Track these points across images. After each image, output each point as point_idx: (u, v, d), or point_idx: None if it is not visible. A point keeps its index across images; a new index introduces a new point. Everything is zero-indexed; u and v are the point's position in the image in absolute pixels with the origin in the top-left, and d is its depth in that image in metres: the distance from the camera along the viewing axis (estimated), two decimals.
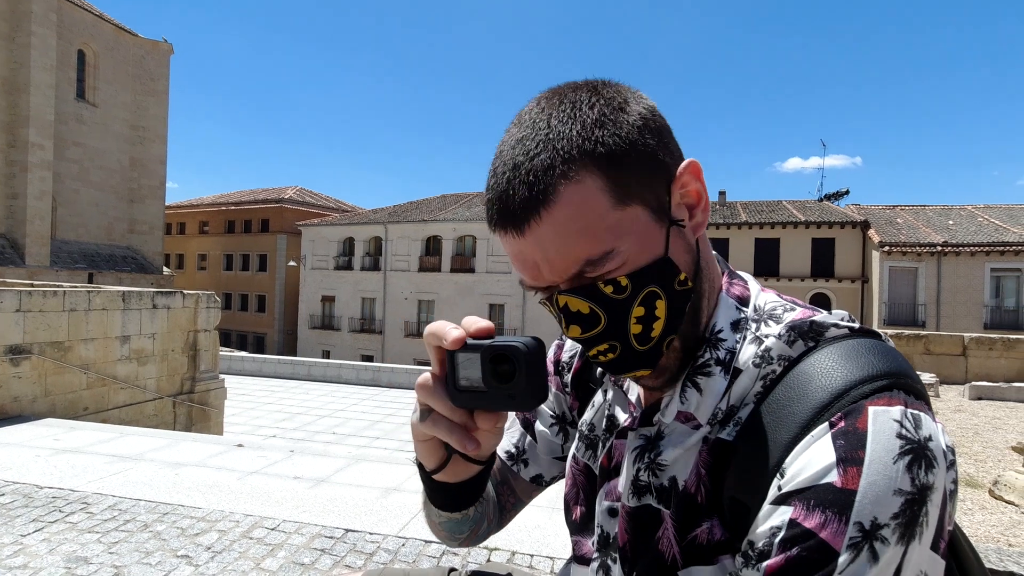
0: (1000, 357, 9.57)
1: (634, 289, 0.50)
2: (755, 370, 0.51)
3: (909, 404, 0.43)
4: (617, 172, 0.48)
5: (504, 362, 0.47)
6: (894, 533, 0.40)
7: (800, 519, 0.42)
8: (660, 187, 0.51)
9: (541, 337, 0.50)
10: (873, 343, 0.48)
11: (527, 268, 0.51)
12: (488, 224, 0.53)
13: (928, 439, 0.42)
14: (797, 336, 0.50)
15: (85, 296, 6.74)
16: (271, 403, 13.19)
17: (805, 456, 0.43)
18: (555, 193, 0.47)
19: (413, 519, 3.04)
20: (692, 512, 0.51)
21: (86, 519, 2.93)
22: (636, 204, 0.49)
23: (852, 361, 0.46)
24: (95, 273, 23.04)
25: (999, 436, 5.67)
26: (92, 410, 6.72)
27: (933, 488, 0.41)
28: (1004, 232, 19.94)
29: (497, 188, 0.50)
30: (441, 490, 0.61)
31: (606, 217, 0.48)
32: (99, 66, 24.70)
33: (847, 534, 0.40)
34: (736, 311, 0.55)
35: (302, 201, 35.56)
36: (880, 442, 0.41)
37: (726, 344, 0.54)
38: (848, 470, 0.41)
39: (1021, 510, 3.62)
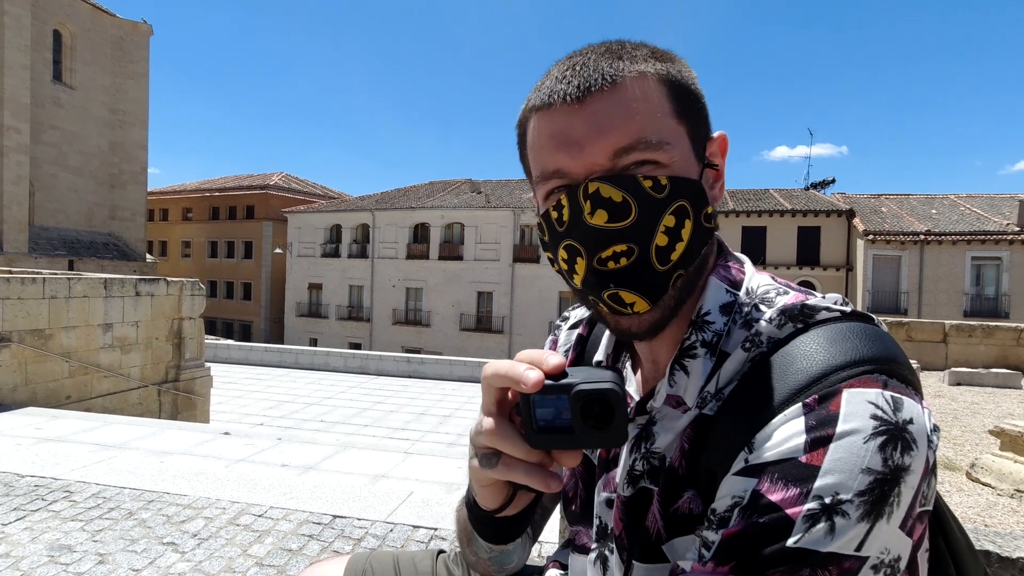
0: (979, 344, 9.76)
1: (672, 193, 0.49)
2: (744, 354, 0.50)
3: (889, 387, 0.43)
4: (676, 94, 0.51)
5: (597, 405, 0.45)
6: (857, 510, 0.40)
7: (763, 490, 0.42)
8: (703, 129, 0.53)
9: (530, 323, 0.48)
10: (862, 327, 0.48)
11: (570, 148, 0.50)
12: (537, 104, 0.52)
13: (908, 422, 0.42)
14: (787, 319, 0.50)
15: (66, 283, 6.61)
16: (258, 391, 13.11)
17: (775, 433, 0.43)
18: (623, 77, 0.50)
19: (401, 505, 3.04)
20: (675, 485, 0.52)
21: (69, 507, 2.90)
22: (686, 127, 0.52)
23: (836, 345, 0.46)
24: (75, 260, 22.62)
25: (977, 420, 5.80)
26: (75, 399, 6.63)
27: (909, 470, 0.41)
28: (985, 221, 20.26)
29: (558, 70, 0.52)
30: (497, 525, 0.58)
31: (665, 116, 0.50)
32: (76, 47, 24.05)
33: (805, 505, 0.40)
34: (726, 294, 0.54)
35: (288, 188, 35.11)
36: (851, 422, 0.41)
37: (713, 327, 0.53)
38: (815, 447, 0.41)
39: (997, 492, 3.71)
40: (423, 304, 27.15)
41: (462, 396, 13.56)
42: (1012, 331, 9.75)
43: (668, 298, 0.52)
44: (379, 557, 0.82)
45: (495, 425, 0.49)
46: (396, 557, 0.82)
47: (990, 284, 19.34)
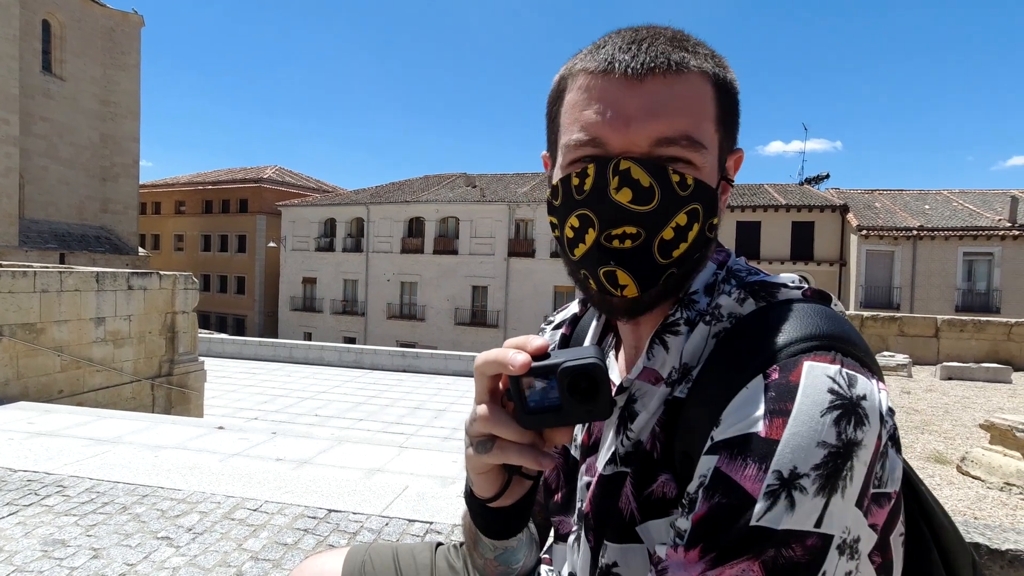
0: (971, 339, 9.84)
1: (693, 194, 0.51)
2: (705, 328, 0.52)
3: (845, 365, 0.44)
4: (723, 101, 0.53)
5: (583, 380, 0.47)
6: (814, 483, 0.40)
7: (723, 468, 0.42)
8: (730, 144, 0.56)
9: (524, 317, 0.49)
10: (821, 308, 0.49)
11: (616, 120, 0.50)
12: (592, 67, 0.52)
13: (861, 397, 0.42)
14: (748, 295, 0.51)
15: (57, 277, 6.56)
16: (252, 385, 13.08)
17: (738, 407, 0.44)
18: (688, 70, 0.51)
19: (396, 499, 3.05)
20: (648, 468, 0.52)
21: (63, 502, 2.88)
22: (720, 135, 0.54)
23: (797, 320, 0.47)
24: (67, 253, 22.43)
25: (968, 414, 5.86)
26: (67, 393, 6.59)
27: (861, 445, 0.41)
28: (977, 217, 20.40)
29: (622, 40, 0.52)
30: (496, 517, 0.59)
31: (710, 120, 0.52)
32: (66, 38, 23.75)
33: (765, 481, 0.40)
34: (711, 275, 0.57)
35: (282, 181, 34.90)
36: (810, 395, 0.42)
37: (698, 305, 0.54)
38: (774, 420, 0.42)
39: (987, 485, 3.75)
40: (418, 298, 27.10)
41: (457, 390, 13.57)
42: (1003, 326, 9.83)
43: (655, 292, 0.53)
44: (378, 549, 0.82)
45: (488, 411, 0.50)
46: (395, 549, 0.82)
47: (982, 279, 19.50)
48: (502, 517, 0.59)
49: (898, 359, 8.73)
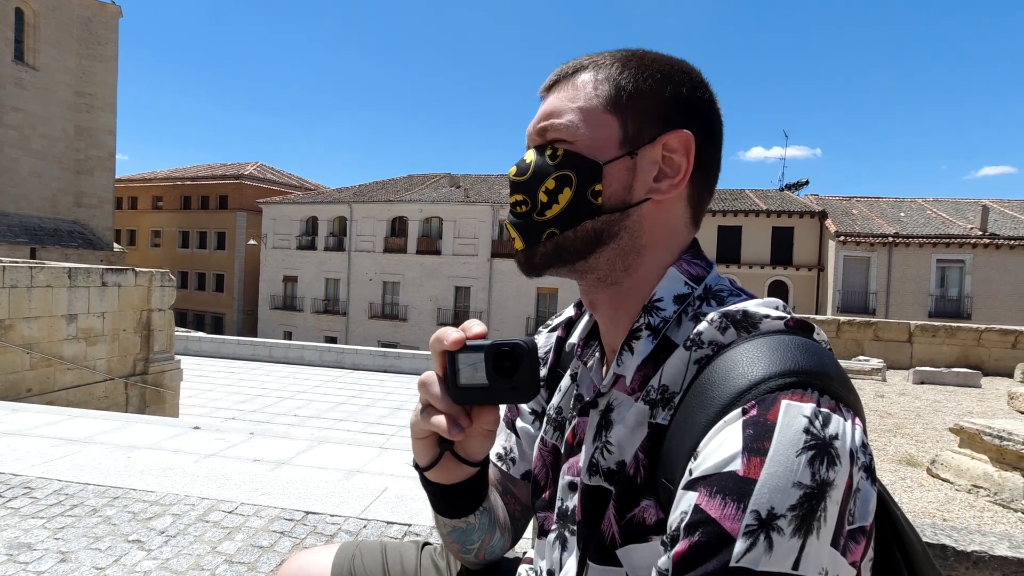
0: (943, 344, 10.09)
1: (561, 163, 0.58)
2: (686, 353, 0.53)
3: (822, 404, 0.44)
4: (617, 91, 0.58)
5: (507, 359, 0.52)
6: (790, 524, 0.40)
7: (703, 505, 0.43)
8: (649, 127, 0.58)
9: (507, 318, 0.52)
10: (802, 341, 0.49)
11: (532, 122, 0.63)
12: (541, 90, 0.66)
13: (833, 437, 0.43)
14: (729, 323, 0.51)
15: (27, 272, 6.39)
16: (230, 385, 12.88)
17: (716, 441, 0.45)
18: (575, 74, 0.61)
19: (375, 501, 3.02)
20: (631, 492, 0.53)
21: (29, 504, 2.81)
22: (617, 118, 0.58)
23: (776, 354, 0.47)
24: (38, 248, 21.84)
25: (939, 418, 6.00)
26: (36, 392, 6.42)
27: (833, 485, 0.42)
28: (950, 225, 20.94)
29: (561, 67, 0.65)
30: (440, 495, 0.64)
31: (593, 105, 0.58)
32: (40, 26, 23.14)
33: (744, 521, 0.41)
34: (684, 286, 0.58)
35: (263, 178, 34.43)
36: (786, 435, 0.42)
37: (663, 313, 0.56)
38: (752, 459, 0.42)
39: (955, 487, 3.85)
40: (400, 298, 26.94)
41: None
42: (973, 332, 10.10)
43: (541, 249, 0.60)
44: (367, 546, 0.84)
45: (428, 380, 0.57)
46: (384, 546, 0.84)
47: (954, 286, 20.01)
48: (442, 495, 0.64)
49: (873, 363, 8.92)
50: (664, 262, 0.59)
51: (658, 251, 0.59)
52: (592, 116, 0.58)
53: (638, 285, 0.59)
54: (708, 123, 0.59)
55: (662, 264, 0.59)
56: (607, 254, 0.59)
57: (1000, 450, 3.75)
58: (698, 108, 0.59)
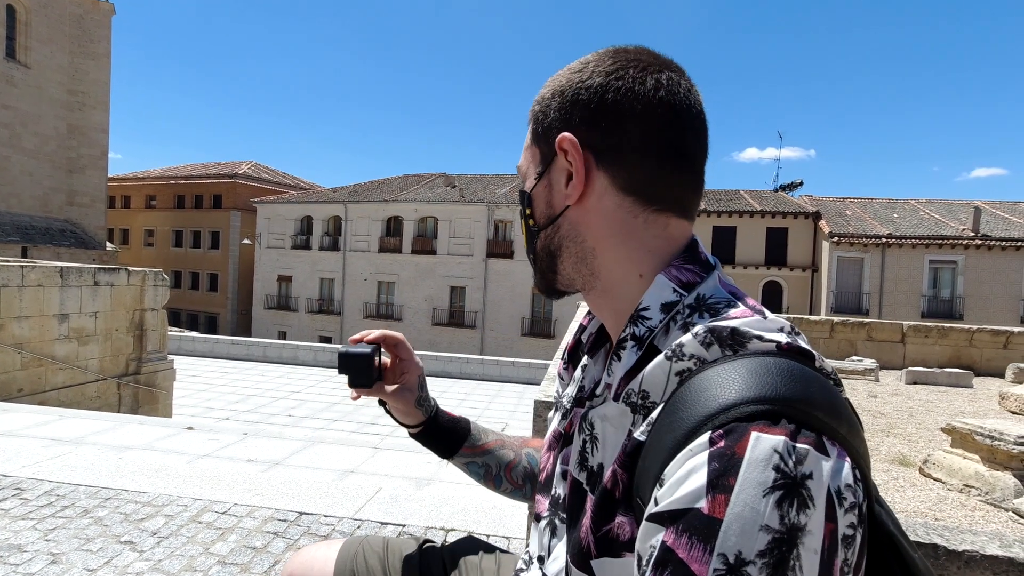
0: (935, 344, 10.16)
1: (519, 202, 0.66)
2: (667, 363, 0.50)
3: (798, 438, 0.41)
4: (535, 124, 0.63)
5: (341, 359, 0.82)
6: (761, 571, 0.38)
7: (670, 542, 0.41)
8: (551, 142, 0.60)
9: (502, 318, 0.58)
10: (790, 365, 0.45)
11: None
12: None
13: (807, 476, 0.40)
14: (714, 340, 0.48)
15: (18, 271, 6.33)
16: (224, 385, 12.82)
17: (681, 472, 0.42)
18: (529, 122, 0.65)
19: (369, 501, 3.01)
20: (608, 506, 0.52)
21: (20, 505, 2.78)
22: (537, 146, 0.63)
23: (755, 378, 0.44)
24: (29, 247, 21.67)
25: (931, 418, 6.04)
26: (27, 391, 6.37)
27: (804, 531, 0.39)
28: (943, 226, 21.08)
29: None
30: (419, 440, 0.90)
31: (527, 143, 0.65)
32: (31, 23, 22.94)
33: (712, 565, 0.39)
34: (672, 293, 0.54)
35: (257, 177, 34.28)
36: (752, 472, 0.40)
37: (649, 322, 0.54)
38: (716, 497, 0.40)
39: (947, 487, 3.87)
40: (395, 298, 26.88)
41: (433, 391, 13.42)
42: (965, 332, 10.17)
43: (536, 273, 0.67)
44: (371, 542, 0.88)
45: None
46: (387, 543, 0.88)
47: (946, 287, 20.15)
48: (422, 441, 0.89)
49: (866, 363, 8.97)
50: (631, 256, 0.57)
51: (613, 247, 0.58)
52: (526, 153, 0.65)
53: (614, 284, 0.59)
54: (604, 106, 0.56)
55: (628, 259, 0.57)
56: (567, 264, 0.62)
57: (991, 450, 3.78)
58: (586, 99, 0.57)
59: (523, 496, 0.89)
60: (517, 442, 0.91)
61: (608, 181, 0.57)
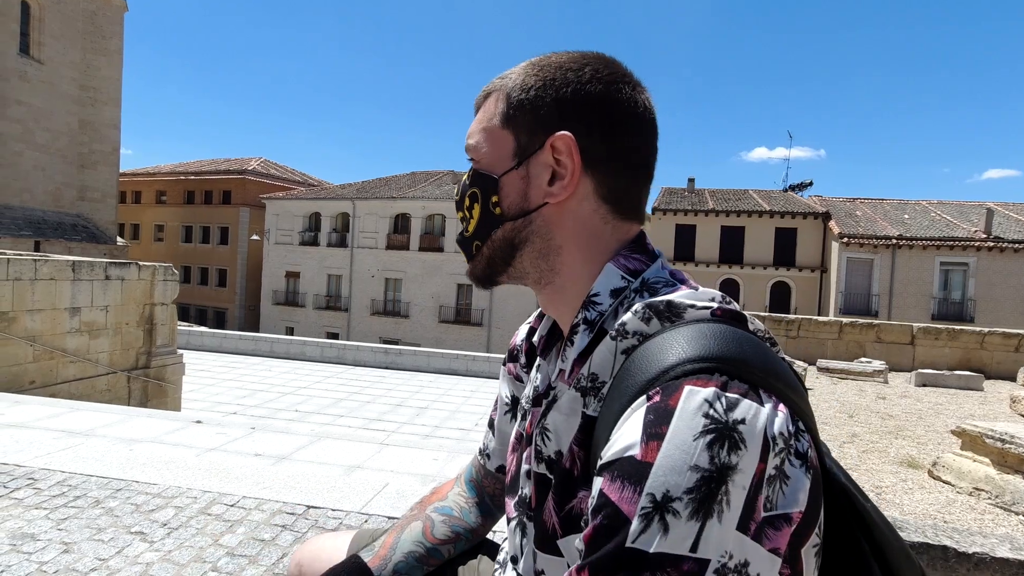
0: (945, 346, 10.07)
1: (470, 183, 0.64)
2: (612, 342, 0.53)
3: (729, 388, 0.44)
4: (510, 106, 0.61)
5: None
6: (687, 507, 0.40)
7: (605, 489, 0.44)
8: (538, 135, 0.60)
9: (508, 316, 0.58)
10: (724, 328, 0.49)
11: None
12: None
13: (739, 421, 0.42)
14: (652, 314, 0.52)
15: (31, 265, 6.41)
16: (232, 380, 12.92)
17: (622, 429, 0.45)
18: (489, 94, 0.65)
19: (376, 496, 3.03)
20: (569, 484, 0.54)
21: (33, 495, 2.82)
22: (511, 132, 0.61)
23: (691, 342, 0.47)
24: (42, 241, 21.89)
25: (940, 421, 5.99)
26: (39, 384, 6.44)
27: (736, 469, 0.41)
28: (954, 228, 20.87)
29: None
30: None
31: (493, 124, 0.63)
32: (45, 19, 23.15)
33: (639, 504, 0.41)
34: (620, 280, 0.58)
35: (266, 173, 34.46)
36: (684, 419, 0.42)
37: (599, 307, 0.57)
38: (649, 444, 0.43)
39: (956, 489, 3.84)
40: (402, 295, 26.96)
41: (439, 388, 13.54)
42: (976, 335, 10.07)
43: (477, 261, 0.65)
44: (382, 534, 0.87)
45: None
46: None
47: (957, 289, 19.95)
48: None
49: (875, 365, 8.90)
50: (593, 258, 0.60)
51: (578, 249, 0.60)
52: (492, 134, 0.62)
53: (572, 282, 0.60)
54: (603, 115, 0.58)
55: (590, 260, 0.60)
56: (527, 258, 0.62)
57: (1002, 453, 3.74)
58: (586, 104, 0.58)
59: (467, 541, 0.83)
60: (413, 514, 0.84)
61: (591, 188, 0.59)
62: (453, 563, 0.83)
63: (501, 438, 0.81)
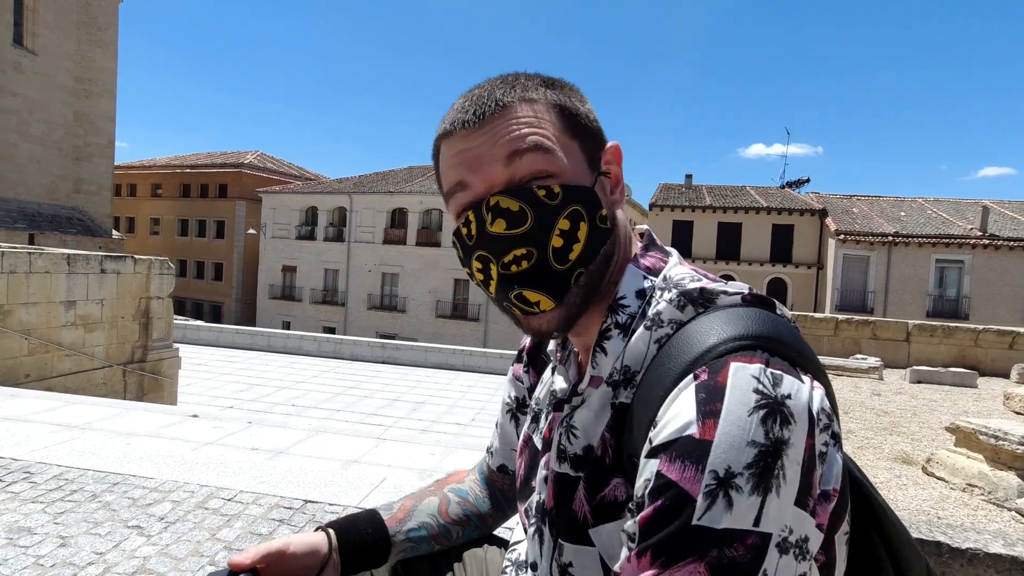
0: (940, 344, 10.12)
1: (564, 200, 0.54)
2: (647, 333, 0.54)
3: (771, 364, 0.45)
4: (565, 116, 0.57)
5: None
6: (748, 482, 0.41)
7: (664, 470, 0.44)
8: (594, 144, 0.59)
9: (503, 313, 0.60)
10: (757, 311, 0.50)
11: (470, 160, 0.56)
12: (442, 132, 0.58)
13: (786, 396, 0.43)
14: (687, 302, 0.53)
15: (26, 258, 6.37)
16: (228, 374, 12.90)
17: (672, 409, 0.46)
18: (513, 101, 0.56)
19: (374, 490, 3.03)
20: (601, 473, 0.55)
21: (29, 489, 2.82)
22: (578, 143, 0.57)
23: (730, 324, 0.49)
24: (36, 234, 21.77)
25: (934, 417, 6.03)
26: (35, 377, 6.42)
27: (788, 444, 0.42)
28: (950, 225, 20.93)
29: (459, 102, 0.58)
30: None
31: (556, 132, 0.56)
32: (39, 10, 22.94)
33: (703, 482, 0.42)
34: (643, 280, 0.58)
35: (263, 167, 34.29)
36: (736, 395, 0.43)
37: (628, 310, 0.57)
38: (706, 422, 0.43)
39: (950, 486, 3.87)
40: (399, 290, 26.93)
41: (436, 383, 13.55)
42: (970, 332, 10.12)
43: (573, 295, 0.56)
44: None
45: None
46: None
47: (952, 286, 20.03)
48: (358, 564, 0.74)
49: (870, 362, 8.94)
50: (624, 260, 0.61)
51: (625, 253, 0.61)
52: (563, 144, 0.57)
53: (610, 288, 0.61)
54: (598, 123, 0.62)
55: (621, 262, 0.61)
56: (607, 274, 0.59)
57: (995, 450, 3.77)
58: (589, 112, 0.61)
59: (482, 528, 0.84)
60: (431, 489, 0.85)
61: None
62: (459, 548, 0.84)
63: (504, 438, 0.81)
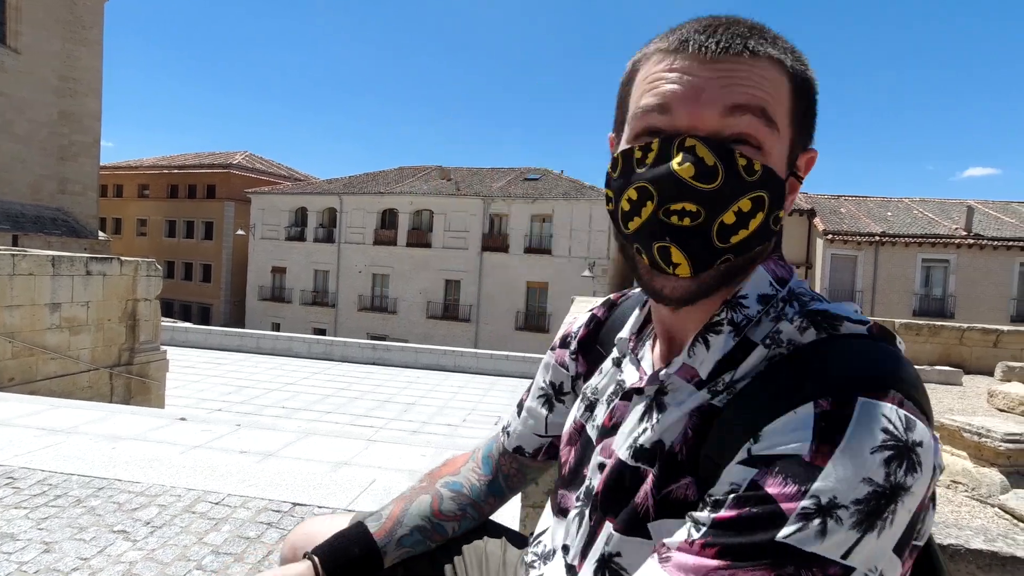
0: (926, 342, 10.24)
1: (759, 181, 0.50)
2: (764, 350, 0.51)
3: (904, 406, 0.43)
4: (799, 95, 0.52)
5: None
6: (851, 517, 0.40)
7: (761, 481, 0.43)
8: (802, 141, 0.55)
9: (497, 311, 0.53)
10: (885, 347, 0.48)
11: (687, 90, 0.50)
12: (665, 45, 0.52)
13: (917, 443, 0.42)
14: (810, 324, 0.50)
15: (9, 259, 6.28)
16: (217, 376, 12.79)
17: (783, 427, 0.44)
18: (763, 56, 0.50)
19: (363, 492, 3.02)
20: (672, 468, 0.53)
21: (12, 494, 2.77)
22: (793, 130, 0.53)
23: (858, 356, 0.46)
24: (20, 235, 21.45)
25: None
26: (19, 381, 6.33)
27: (908, 491, 0.41)
28: (936, 225, 21.21)
29: (698, 23, 0.52)
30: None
31: (784, 108, 0.51)
32: (22, 8, 22.62)
33: (800, 503, 0.41)
34: (769, 286, 0.55)
35: (251, 167, 34.03)
36: (861, 431, 0.41)
37: (747, 311, 0.54)
38: (820, 448, 0.42)
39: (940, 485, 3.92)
40: (390, 291, 26.84)
41: (427, 384, 13.52)
42: (955, 331, 10.26)
43: (709, 276, 0.52)
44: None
45: None
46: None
47: (938, 285, 20.30)
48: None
49: None
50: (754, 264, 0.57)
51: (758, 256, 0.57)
52: (783, 126, 0.51)
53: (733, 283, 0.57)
54: None
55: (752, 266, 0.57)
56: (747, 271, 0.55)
57: (979, 447, 3.83)
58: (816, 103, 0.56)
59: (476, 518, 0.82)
60: (422, 486, 0.83)
61: None
62: (458, 541, 0.81)
63: (527, 422, 0.80)
